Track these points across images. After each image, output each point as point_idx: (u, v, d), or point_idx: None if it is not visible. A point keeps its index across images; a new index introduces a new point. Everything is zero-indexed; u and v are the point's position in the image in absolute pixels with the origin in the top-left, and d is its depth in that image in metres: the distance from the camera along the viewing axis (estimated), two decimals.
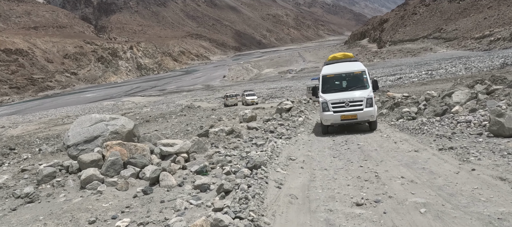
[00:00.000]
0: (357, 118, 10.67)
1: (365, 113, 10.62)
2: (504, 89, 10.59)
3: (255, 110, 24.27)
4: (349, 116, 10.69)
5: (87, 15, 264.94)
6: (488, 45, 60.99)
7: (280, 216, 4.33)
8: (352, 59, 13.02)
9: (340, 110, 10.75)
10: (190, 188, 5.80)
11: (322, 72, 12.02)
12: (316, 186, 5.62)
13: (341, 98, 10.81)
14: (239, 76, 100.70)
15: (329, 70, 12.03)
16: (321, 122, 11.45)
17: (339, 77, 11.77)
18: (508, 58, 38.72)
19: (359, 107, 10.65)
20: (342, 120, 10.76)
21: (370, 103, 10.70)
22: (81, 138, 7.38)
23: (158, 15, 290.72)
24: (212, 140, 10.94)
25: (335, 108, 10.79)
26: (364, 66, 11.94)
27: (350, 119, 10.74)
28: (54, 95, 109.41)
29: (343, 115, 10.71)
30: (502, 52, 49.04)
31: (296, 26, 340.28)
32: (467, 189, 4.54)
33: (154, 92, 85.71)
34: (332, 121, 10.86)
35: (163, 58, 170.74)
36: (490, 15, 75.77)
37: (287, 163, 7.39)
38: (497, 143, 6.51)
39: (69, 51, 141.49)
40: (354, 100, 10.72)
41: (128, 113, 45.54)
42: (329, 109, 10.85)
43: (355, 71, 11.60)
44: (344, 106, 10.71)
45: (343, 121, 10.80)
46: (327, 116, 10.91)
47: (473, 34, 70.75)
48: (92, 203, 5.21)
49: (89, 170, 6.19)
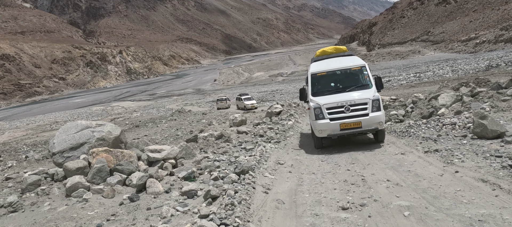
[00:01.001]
0: (361, 127, 8.26)
1: (371, 119, 8.23)
2: (487, 92, 10.80)
3: (245, 114, 24.31)
4: (351, 124, 8.28)
5: (75, 20, 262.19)
6: (474, 48, 62.14)
7: (266, 222, 4.33)
8: (346, 54, 10.52)
9: (338, 118, 8.34)
10: (177, 195, 5.78)
11: (310, 70, 9.61)
12: (303, 190, 5.64)
13: (339, 102, 8.41)
14: (230, 80, 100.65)
15: (320, 67, 9.64)
16: (313, 133, 9.21)
17: (333, 75, 9.38)
18: (493, 61, 39.50)
19: (363, 113, 8.28)
20: (343, 129, 8.32)
21: (377, 107, 8.37)
22: (67, 145, 7.28)
23: (147, 19, 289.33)
24: (201, 145, 10.92)
25: (332, 114, 8.40)
26: (363, 61, 9.60)
27: (352, 128, 8.30)
28: (42, 101, 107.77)
29: (343, 123, 8.29)
30: (487, 54, 50.02)
31: (286, 30, 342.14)
32: (450, 191, 4.62)
33: (144, 97, 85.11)
34: (329, 132, 8.39)
35: (153, 63, 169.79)
36: (475, 19, 77.30)
37: (276, 167, 7.40)
38: (481, 145, 6.62)
39: (57, 56, 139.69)
40: (356, 104, 8.35)
41: (117, 118, 45.10)
42: (324, 117, 8.44)
43: (353, 66, 9.27)
44: (343, 112, 8.33)
45: (343, 130, 8.33)
46: (322, 125, 8.44)
47: (460, 37, 72.05)
48: (77, 212, 5.14)
49: (75, 178, 6.12)
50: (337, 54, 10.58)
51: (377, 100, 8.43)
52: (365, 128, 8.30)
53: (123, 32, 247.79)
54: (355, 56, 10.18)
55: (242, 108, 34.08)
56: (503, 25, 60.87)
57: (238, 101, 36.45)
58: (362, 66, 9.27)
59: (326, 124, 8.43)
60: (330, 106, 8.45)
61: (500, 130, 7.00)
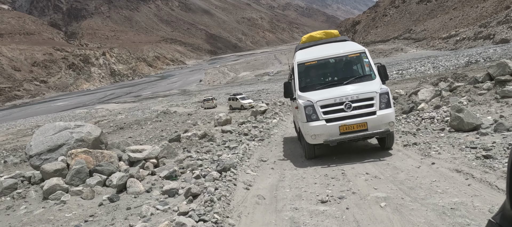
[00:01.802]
0: (367, 128, 6.45)
1: (380, 119, 6.45)
2: (465, 86, 11.08)
3: (230, 113, 24.27)
4: (354, 126, 6.47)
5: (56, 21, 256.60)
6: (454, 45, 63.65)
7: (245, 217, 4.34)
8: (339, 39, 8.66)
9: (337, 118, 6.55)
10: (158, 194, 5.73)
11: (296, 59, 7.76)
12: (284, 185, 5.67)
13: (337, 97, 6.59)
14: (216, 80, 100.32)
15: (308, 55, 7.80)
16: (301, 139, 7.68)
17: (326, 64, 7.65)
18: (472, 57, 40.55)
19: (369, 110, 6.51)
20: (343, 133, 6.51)
21: (387, 102, 6.58)
22: (44, 147, 7.13)
23: (131, 20, 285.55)
24: (184, 145, 10.86)
25: (329, 114, 6.59)
26: (362, 46, 7.84)
27: (355, 131, 6.48)
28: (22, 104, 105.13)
29: (343, 125, 6.48)
30: (467, 51, 51.32)
31: (271, 29, 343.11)
32: (426, 182, 4.72)
33: (129, 98, 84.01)
34: (326, 137, 6.55)
35: (138, 64, 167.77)
36: (455, 16, 79.18)
37: (258, 164, 7.42)
38: (457, 137, 6.79)
39: (37, 58, 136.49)
40: (359, 99, 6.54)
41: (102, 121, 44.37)
42: (317, 117, 6.60)
43: (351, 53, 7.50)
44: (343, 111, 6.54)
45: (344, 135, 6.51)
46: (316, 129, 6.58)
47: (441, 34, 73.67)
48: (54, 214, 5.04)
49: (52, 180, 6.00)
50: (328, 39, 8.62)
51: (385, 94, 6.57)
52: (372, 131, 6.44)
53: (106, 34, 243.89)
54: (351, 41, 8.41)
55: (238, 108, 32.23)
56: (482, 22, 62.55)
57: (232, 101, 34.35)
58: (361, 52, 7.45)
59: (321, 126, 6.52)
60: (326, 104, 6.57)
61: (476, 122, 7.20)
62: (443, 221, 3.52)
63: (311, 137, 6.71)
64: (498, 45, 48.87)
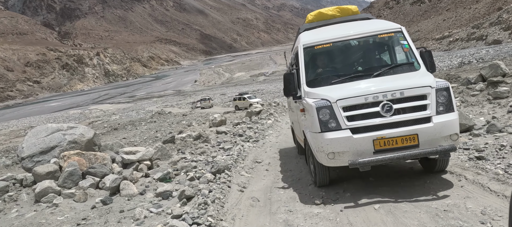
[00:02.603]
0: (418, 144, 4.28)
1: (438, 128, 4.30)
2: (458, 87, 11.17)
3: (225, 114, 24.25)
4: (398, 140, 4.30)
5: (50, 21, 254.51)
6: (448, 46, 64.21)
7: (239, 220, 4.33)
8: (360, 17, 6.32)
9: (369, 126, 4.37)
10: (152, 196, 5.69)
11: (301, 41, 5.52)
12: (279, 187, 5.66)
13: (370, 94, 4.43)
14: (211, 81, 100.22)
15: (319, 36, 5.57)
16: (309, 156, 5.50)
17: (346, 48, 5.46)
18: (465, 58, 40.93)
19: (420, 115, 4.35)
20: (380, 151, 4.32)
21: (447, 103, 4.43)
22: (37, 149, 7.05)
23: (125, 20, 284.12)
24: (179, 146, 10.81)
25: (356, 120, 4.42)
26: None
27: (399, 149, 4.30)
28: (15, 105, 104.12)
29: (380, 138, 4.31)
30: (460, 52, 51.80)
31: (266, 30, 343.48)
32: (419, 183, 4.74)
33: (123, 99, 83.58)
34: (352, 156, 4.36)
35: (132, 64, 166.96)
36: (448, 17, 79.90)
37: (253, 166, 7.40)
38: None
39: (31, 59, 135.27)
40: (405, 97, 4.38)
41: (96, 121, 44.10)
42: (338, 125, 4.42)
43: (381, 32, 5.34)
44: (378, 115, 4.36)
45: (381, 153, 4.31)
46: (336, 143, 4.40)
47: (434, 35, 74.27)
48: (46, 217, 4.98)
49: (45, 183, 5.92)
50: (343, 18, 6.32)
51: (445, 91, 4.41)
52: (426, 148, 4.22)
53: (100, 34, 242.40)
54: (378, 19, 6.19)
55: (245, 108, 29.75)
56: (474, 24, 63.19)
57: (239, 101, 32.37)
58: (396, 32, 5.31)
59: (344, 139, 4.31)
60: (352, 104, 4.38)
61: (469, 123, 7.25)
62: (436, 223, 3.53)
63: (328, 155, 4.40)
64: (491, 46, 49.41)
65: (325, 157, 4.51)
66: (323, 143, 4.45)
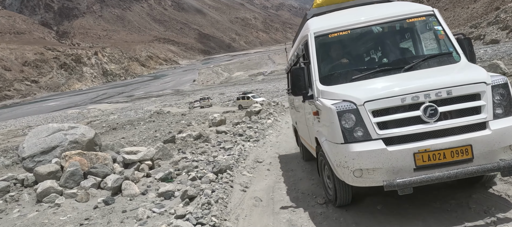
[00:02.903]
0: (472, 157, 3.34)
1: (498, 137, 3.35)
2: None
3: (224, 114, 24.25)
4: (447, 153, 3.34)
5: (47, 20, 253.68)
6: None
7: (243, 220, 4.33)
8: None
9: (408, 135, 3.41)
10: (154, 196, 5.69)
11: (311, 29, 4.60)
12: (281, 187, 5.68)
13: (407, 93, 3.46)
14: (210, 80, 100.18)
15: (333, 21, 4.62)
16: (323, 168, 4.55)
17: (368, 35, 4.66)
18: None
19: (473, 120, 3.41)
20: (422, 167, 3.36)
21: (506, 103, 3.47)
22: (38, 149, 7.03)
23: (123, 19, 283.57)
24: (179, 146, 10.80)
25: (391, 127, 3.48)
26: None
27: (448, 164, 3.34)
28: (13, 105, 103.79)
29: (423, 150, 3.34)
30: None
31: (265, 29, 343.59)
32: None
33: (122, 98, 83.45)
34: (387, 173, 3.40)
35: (130, 64, 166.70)
36: (446, 17, 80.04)
37: (254, 165, 7.41)
38: None
39: (28, 58, 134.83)
40: (453, 97, 3.44)
41: (94, 121, 44.03)
42: (367, 134, 3.48)
43: (410, 15, 4.45)
44: (419, 120, 3.42)
45: (425, 170, 3.36)
46: (366, 159, 3.43)
47: None
48: (49, 217, 4.97)
49: (46, 183, 5.91)
50: (359, 1, 5.20)
51: (502, 88, 3.51)
52: (483, 163, 3.33)
53: (98, 33, 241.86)
54: (403, 1, 5.09)
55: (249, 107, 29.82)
56: (472, 23, 63.39)
57: (243, 100, 31.18)
58: (428, 15, 4.44)
59: (376, 153, 3.42)
60: (385, 106, 3.49)
61: None
62: (440, 223, 3.54)
63: (354, 173, 3.49)
64: (489, 46, 49.55)
65: (350, 174, 3.53)
66: (348, 157, 3.48)
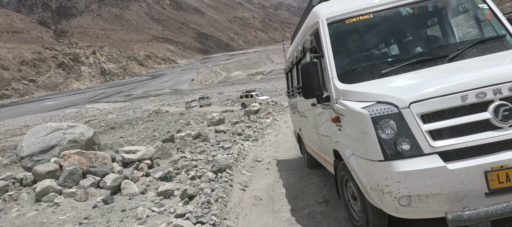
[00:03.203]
0: None
1: None
2: None
3: (223, 113, 24.24)
4: None
5: (45, 20, 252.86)
6: None
7: (243, 218, 4.33)
8: None
9: (475, 148, 2.46)
10: (153, 195, 5.68)
11: (321, 15, 3.68)
12: (280, 186, 5.67)
13: (468, 87, 2.51)
14: (208, 80, 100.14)
15: (350, 5, 3.67)
16: (348, 191, 3.62)
17: (396, 19, 3.63)
18: None
19: None
20: (499, 189, 2.39)
21: None
22: (36, 148, 7.01)
23: (121, 18, 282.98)
24: (178, 145, 10.79)
25: (447, 136, 2.50)
26: None
27: None
28: (11, 104, 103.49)
29: (499, 166, 2.39)
30: None
31: (263, 29, 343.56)
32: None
33: (120, 98, 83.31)
34: (449, 204, 2.44)
35: (128, 63, 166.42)
36: None
37: (253, 164, 7.40)
38: None
39: (26, 57, 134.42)
40: None
41: (92, 120, 43.94)
42: (416, 148, 2.51)
43: None
44: (489, 125, 2.48)
45: (501, 195, 2.39)
46: (417, 181, 2.46)
47: None
48: (48, 216, 4.96)
49: (45, 182, 5.89)
50: None
51: None
52: None
53: (96, 32, 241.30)
54: None
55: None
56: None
57: (246, 98, 30.62)
58: None
59: (431, 173, 2.46)
60: (439, 108, 2.56)
61: None
62: (440, 219, 3.55)
63: (399, 201, 2.61)
64: None
65: (392, 202, 2.60)
66: (390, 180, 2.56)
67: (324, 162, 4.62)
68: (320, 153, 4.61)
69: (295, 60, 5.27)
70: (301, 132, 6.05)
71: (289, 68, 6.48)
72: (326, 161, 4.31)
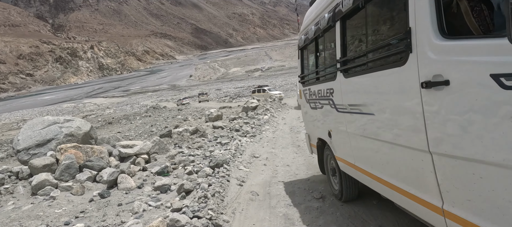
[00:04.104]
0: None
1: None
2: None
3: (221, 109, 24.21)
4: None
5: (43, 13, 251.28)
6: None
7: (239, 213, 4.33)
8: None
9: None
10: (150, 190, 5.67)
11: None
12: (277, 182, 5.68)
13: None
14: (206, 76, 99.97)
15: None
16: None
17: None
18: None
19: None
20: None
21: None
22: (33, 142, 6.97)
23: (120, 13, 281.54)
24: (176, 140, 10.77)
25: None
26: None
27: None
28: (7, 98, 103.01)
29: None
30: None
31: (262, 25, 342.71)
32: None
33: (118, 93, 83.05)
34: None
35: (127, 58, 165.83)
36: None
37: (251, 160, 7.40)
38: None
39: (23, 51, 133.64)
40: None
41: (89, 115, 43.81)
42: None
43: None
44: None
45: None
46: None
47: None
48: (44, 210, 4.94)
49: (41, 175, 5.87)
50: None
51: None
52: None
53: (94, 27, 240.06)
54: None
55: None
56: None
57: (258, 93, 31.00)
58: None
59: None
60: None
61: None
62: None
63: None
64: None
65: None
66: None
67: (384, 189, 2.84)
68: (385, 176, 2.79)
69: (325, 25, 3.65)
70: (333, 138, 3.92)
71: (304, 44, 4.75)
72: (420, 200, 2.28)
